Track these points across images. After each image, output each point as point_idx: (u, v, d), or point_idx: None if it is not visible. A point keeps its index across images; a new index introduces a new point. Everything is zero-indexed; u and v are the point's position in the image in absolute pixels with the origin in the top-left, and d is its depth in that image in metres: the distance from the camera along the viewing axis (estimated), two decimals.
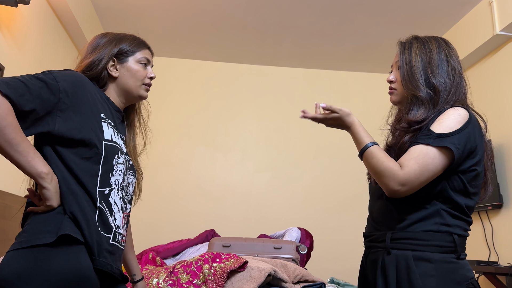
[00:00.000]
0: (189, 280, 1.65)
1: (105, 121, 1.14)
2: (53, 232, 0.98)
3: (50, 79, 1.03)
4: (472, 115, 1.18)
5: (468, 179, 1.15)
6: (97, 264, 1.03)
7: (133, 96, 1.26)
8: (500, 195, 2.91)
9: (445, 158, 1.11)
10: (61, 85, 1.04)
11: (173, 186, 3.68)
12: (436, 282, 1.09)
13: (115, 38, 1.26)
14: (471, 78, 3.73)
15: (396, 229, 1.17)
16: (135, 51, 1.26)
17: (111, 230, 1.11)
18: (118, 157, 1.14)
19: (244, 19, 3.36)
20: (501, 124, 3.01)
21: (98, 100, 1.15)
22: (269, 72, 4.09)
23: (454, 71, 1.25)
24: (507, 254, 2.87)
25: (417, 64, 1.24)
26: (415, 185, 1.10)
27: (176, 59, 3.97)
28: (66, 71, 1.10)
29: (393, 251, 1.16)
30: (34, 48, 2.53)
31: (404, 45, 1.30)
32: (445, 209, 1.14)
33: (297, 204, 3.77)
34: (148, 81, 1.28)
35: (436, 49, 1.26)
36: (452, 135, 1.11)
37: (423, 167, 1.10)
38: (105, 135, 1.11)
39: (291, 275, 1.86)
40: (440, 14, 3.25)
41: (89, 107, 1.09)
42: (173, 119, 3.83)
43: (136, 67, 1.25)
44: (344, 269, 3.27)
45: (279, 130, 3.95)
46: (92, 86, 1.15)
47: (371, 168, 1.19)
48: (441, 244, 1.12)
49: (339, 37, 3.59)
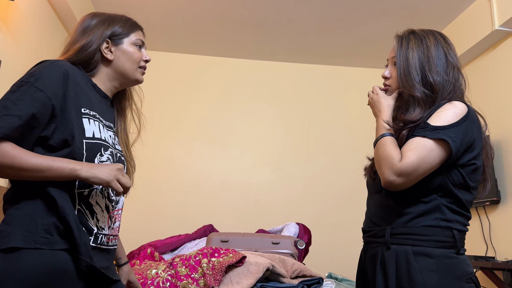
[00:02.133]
0: (188, 273, 1.65)
1: (86, 116, 1.08)
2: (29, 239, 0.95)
3: (33, 92, 0.99)
4: (471, 109, 1.17)
5: (468, 173, 1.14)
6: (82, 264, 1.00)
7: (129, 80, 1.21)
8: (498, 190, 2.92)
9: (442, 151, 1.10)
10: (48, 92, 1.00)
11: (171, 181, 3.67)
12: (436, 277, 1.09)
13: (106, 19, 1.21)
14: (469, 73, 3.75)
15: (395, 224, 1.17)
16: (130, 33, 1.22)
17: (91, 232, 1.07)
18: (102, 155, 1.10)
19: (242, 14, 3.35)
20: (500, 120, 3.02)
21: (81, 90, 1.09)
22: (268, 67, 4.08)
23: (453, 68, 1.23)
24: (504, 250, 2.88)
25: (414, 62, 1.23)
26: (411, 177, 1.10)
27: (174, 54, 3.96)
28: (44, 71, 1.03)
29: (393, 246, 1.15)
30: (31, 41, 2.51)
31: (401, 41, 1.28)
32: (445, 204, 1.14)
33: (295, 199, 3.78)
34: (143, 64, 1.23)
35: (434, 45, 1.24)
36: (449, 128, 1.11)
37: (421, 158, 1.09)
38: (87, 133, 1.06)
39: (289, 270, 1.86)
40: (439, 9, 3.24)
41: (70, 104, 1.04)
42: (171, 114, 3.82)
43: (132, 49, 1.20)
44: (342, 264, 3.28)
45: (278, 125, 3.95)
46: (74, 75, 1.09)
47: (376, 155, 1.19)
48: (441, 239, 1.12)
49: (338, 32, 3.58)
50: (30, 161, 0.95)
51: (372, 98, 1.32)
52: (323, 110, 4.03)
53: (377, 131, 1.24)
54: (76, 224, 1.00)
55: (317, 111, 4.03)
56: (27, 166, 0.95)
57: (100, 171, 0.99)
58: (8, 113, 0.96)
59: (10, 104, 0.98)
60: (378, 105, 1.28)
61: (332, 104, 4.05)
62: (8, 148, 0.95)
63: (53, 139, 1.02)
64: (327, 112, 4.02)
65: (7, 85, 2.42)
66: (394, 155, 1.12)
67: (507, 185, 2.92)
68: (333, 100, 4.07)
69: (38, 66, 1.06)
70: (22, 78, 1.03)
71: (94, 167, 1.00)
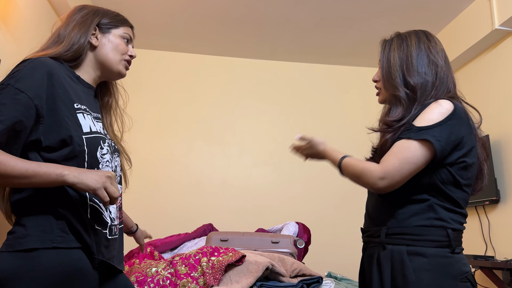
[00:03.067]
0: (187, 272, 1.66)
1: (79, 111, 1.06)
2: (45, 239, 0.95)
3: (14, 94, 0.96)
4: (458, 107, 1.16)
5: (457, 171, 1.15)
6: (95, 262, 1.02)
7: (111, 70, 1.20)
8: (497, 190, 2.92)
9: (427, 151, 1.11)
10: (30, 93, 0.97)
11: (170, 180, 3.67)
12: (430, 276, 1.09)
13: (97, 10, 1.21)
14: (469, 73, 3.74)
15: (390, 225, 1.18)
16: (119, 26, 1.21)
17: (106, 226, 1.08)
18: (102, 147, 1.09)
19: (242, 13, 3.34)
20: (499, 119, 3.02)
21: (68, 83, 1.07)
22: (267, 66, 4.07)
23: (437, 66, 1.23)
24: (503, 249, 2.88)
25: (395, 63, 1.25)
26: (396, 178, 1.11)
27: (173, 53, 3.95)
28: (25, 71, 1.00)
29: (388, 246, 1.17)
30: (31, 40, 2.51)
31: (385, 44, 1.32)
32: (438, 203, 1.14)
33: (295, 199, 3.78)
34: (128, 58, 1.22)
35: (416, 45, 1.25)
36: (433, 128, 1.12)
37: (403, 160, 1.11)
38: (84, 128, 1.05)
39: (289, 269, 1.86)
40: (439, 9, 3.24)
41: (61, 102, 1.02)
42: (169, 113, 3.82)
43: (118, 40, 1.20)
44: (342, 263, 3.28)
45: (277, 125, 3.95)
46: (58, 69, 1.06)
47: (351, 176, 1.23)
48: (435, 239, 1.12)
49: (337, 31, 3.58)
50: (16, 168, 0.92)
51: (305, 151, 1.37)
52: (322, 110, 4.03)
53: (333, 161, 1.29)
54: (84, 227, 1.00)
55: (317, 111, 4.03)
56: (12, 173, 0.91)
57: (88, 177, 0.95)
58: None
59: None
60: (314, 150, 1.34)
61: (331, 103, 4.05)
62: None
63: (48, 140, 1.00)
64: (326, 112, 4.02)
65: None
66: (367, 165, 1.16)
67: (506, 184, 2.92)
68: (332, 99, 4.06)
69: (19, 66, 1.02)
70: (3, 80, 1.00)
71: (82, 173, 0.96)
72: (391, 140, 1.19)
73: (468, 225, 3.28)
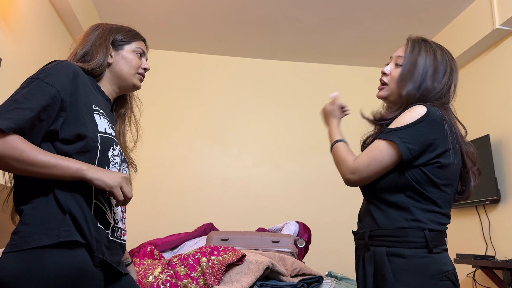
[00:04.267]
0: (187, 273, 1.65)
1: (97, 112, 1.12)
2: (51, 235, 0.96)
3: (43, 87, 1.01)
4: (432, 112, 1.20)
5: (432, 170, 1.19)
6: (95, 260, 1.02)
7: (126, 84, 1.26)
8: (498, 189, 2.92)
9: (393, 151, 1.19)
10: (58, 86, 1.03)
11: (171, 179, 3.68)
12: (408, 276, 1.15)
13: (112, 29, 1.27)
14: (470, 73, 3.74)
15: (373, 227, 1.25)
16: (131, 41, 1.28)
17: (109, 226, 1.09)
18: (113, 149, 1.13)
19: (243, 13, 3.34)
20: (500, 119, 3.02)
21: (90, 89, 1.14)
22: (268, 66, 4.07)
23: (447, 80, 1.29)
24: (504, 249, 2.88)
25: (418, 67, 1.28)
26: (364, 174, 1.22)
27: (174, 53, 3.95)
28: (54, 68, 1.06)
29: (371, 248, 1.24)
30: (32, 39, 2.51)
31: (413, 44, 1.33)
32: (414, 204, 1.19)
33: (295, 198, 3.78)
34: (142, 71, 1.28)
35: (440, 58, 1.30)
36: (401, 129, 1.19)
37: (371, 157, 1.21)
38: (99, 127, 1.10)
39: (289, 268, 1.86)
40: (439, 8, 3.24)
41: (81, 100, 1.07)
42: (171, 113, 3.82)
43: (131, 55, 1.26)
44: (342, 263, 3.28)
45: (278, 124, 3.95)
46: (82, 76, 1.13)
47: (334, 160, 1.35)
48: (412, 240, 1.17)
49: (338, 31, 3.58)
50: (38, 156, 0.95)
51: (327, 108, 1.51)
52: None
53: (331, 137, 1.43)
54: (86, 222, 1.01)
55: (318, 110, 4.02)
56: (35, 161, 0.95)
57: (106, 175, 1.00)
58: (20, 106, 0.97)
59: (21, 98, 0.99)
60: (332, 114, 1.49)
61: None
62: (17, 141, 0.95)
63: (64, 133, 1.03)
64: None
65: (8, 83, 2.43)
66: (347, 156, 1.29)
67: (507, 184, 2.92)
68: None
69: (48, 65, 1.08)
70: (32, 75, 1.05)
71: (100, 170, 1.00)
72: (372, 139, 1.32)
73: (468, 225, 3.29)
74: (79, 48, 1.22)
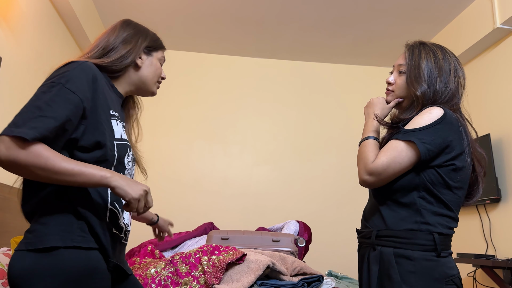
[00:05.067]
0: (188, 271, 1.66)
1: (114, 117, 1.12)
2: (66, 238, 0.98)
3: (66, 94, 0.99)
4: (449, 114, 1.21)
5: (446, 173, 1.19)
6: (110, 265, 1.05)
7: (146, 89, 1.27)
8: (498, 189, 2.92)
9: (413, 152, 1.18)
10: (80, 95, 1.01)
11: (171, 179, 3.68)
12: (414, 278, 1.14)
13: (143, 30, 1.28)
14: (471, 72, 3.73)
15: (381, 227, 1.24)
16: (159, 49, 1.30)
17: (122, 230, 1.12)
18: (128, 155, 1.15)
19: (243, 12, 3.34)
20: (501, 118, 3.01)
21: (106, 90, 1.13)
22: (269, 65, 4.07)
23: (454, 81, 1.29)
24: (504, 248, 2.88)
25: (423, 70, 1.28)
26: (382, 176, 1.19)
27: (175, 52, 3.95)
28: (75, 72, 1.04)
29: (378, 248, 1.23)
30: (32, 39, 2.51)
31: (412, 49, 1.34)
32: (426, 207, 1.19)
33: (296, 197, 3.78)
34: (161, 80, 1.31)
35: (442, 58, 1.30)
36: (420, 130, 1.18)
37: (391, 159, 1.18)
38: (116, 135, 1.10)
39: (290, 267, 1.86)
40: (440, 8, 3.23)
41: (100, 106, 1.07)
42: (171, 112, 3.82)
43: (158, 63, 1.28)
44: (342, 262, 3.28)
45: (278, 123, 3.95)
46: (101, 76, 1.12)
47: (358, 155, 1.29)
48: (421, 243, 1.17)
49: (339, 30, 3.58)
50: (63, 164, 0.94)
51: (373, 100, 1.40)
52: (324, 108, 4.02)
53: (364, 132, 1.34)
54: (102, 230, 1.03)
55: (318, 109, 4.03)
56: (59, 169, 0.94)
57: (129, 185, 0.99)
58: (44, 114, 0.95)
59: (44, 106, 0.96)
60: (374, 107, 1.37)
61: (333, 102, 4.05)
62: (42, 149, 0.94)
63: (83, 140, 1.03)
64: (328, 111, 4.02)
65: (8, 82, 2.43)
66: (369, 156, 1.24)
67: (507, 183, 2.91)
68: (334, 98, 4.06)
69: (67, 67, 1.06)
70: (53, 79, 1.02)
71: (124, 179, 0.99)
72: (387, 139, 1.28)
73: (469, 224, 3.28)
74: (106, 40, 1.20)
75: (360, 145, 1.31)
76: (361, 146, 1.30)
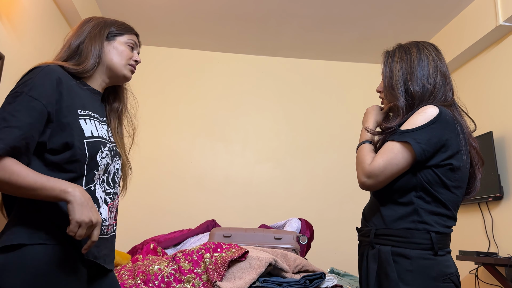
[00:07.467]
0: (191, 268, 1.66)
1: (82, 117, 1.12)
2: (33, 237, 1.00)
3: (29, 101, 1.01)
4: (444, 112, 1.21)
5: (443, 172, 1.20)
6: (84, 261, 1.07)
7: (116, 74, 1.25)
8: (501, 186, 2.91)
9: (408, 153, 1.19)
10: (44, 100, 1.03)
11: (173, 176, 3.68)
12: (411, 277, 1.16)
13: (106, 22, 1.27)
14: (473, 69, 3.71)
15: (379, 226, 1.26)
16: (123, 33, 1.28)
17: None
18: (102, 152, 1.14)
19: (245, 10, 3.34)
20: (503, 115, 3.01)
21: (74, 92, 1.13)
22: (270, 62, 4.07)
23: (436, 75, 1.29)
24: (506, 246, 2.88)
25: (397, 74, 1.30)
26: (380, 178, 1.21)
27: (176, 49, 3.95)
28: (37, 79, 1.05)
29: (376, 246, 1.25)
30: (34, 37, 2.52)
31: (387, 55, 1.37)
32: (423, 206, 1.20)
33: (298, 195, 3.78)
34: (132, 63, 1.28)
35: (417, 55, 1.31)
36: (415, 131, 1.19)
37: (387, 161, 1.20)
38: (86, 133, 1.10)
39: (292, 265, 1.87)
40: (442, 5, 3.22)
41: (66, 107, 1.08)
42: (173, 110, 3.83)
43: (122, 47, 1.26)
44: (344, 260, 3.29)
45: (280, 121, 3.95)
46: (66, 79, 1.12)
47: (356, 159, 1.33)
48: (418, 242, 1.18)
49: (340, 28, 3.57)
50: (26, 179, 0.96)
51: (368, 110, 1.45)
52: (325, 106, 4.02)
53: (360, 138, 1.38)
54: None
55: (320, 107, 4.02)
56: (22, 184, 0.96)
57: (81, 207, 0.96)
58: (8, 125, 0.98)
59: (9, 116, 0.99)
60: (368, 115, 1.41)
61: (334, 100, 4.05)
62: (9, 163, 0.96)
63: (52, 143, 1.05)
64: (329, 108, 4.02)
65: (11, 80, 2.43)
66: (366, 159, 1.26)
67: (510, 181, 2.91)
68: (335, 96, 4.06)
69: (31, 74, 1.08)
70: (17, 88, 1.05)
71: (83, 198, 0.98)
72: (382, 142, 1.30)
73: (471, 222, 3.28)
74: (73, 40, 1.22)
75: (357, 150, 1.34)
76: (358, 151, 1.34)
